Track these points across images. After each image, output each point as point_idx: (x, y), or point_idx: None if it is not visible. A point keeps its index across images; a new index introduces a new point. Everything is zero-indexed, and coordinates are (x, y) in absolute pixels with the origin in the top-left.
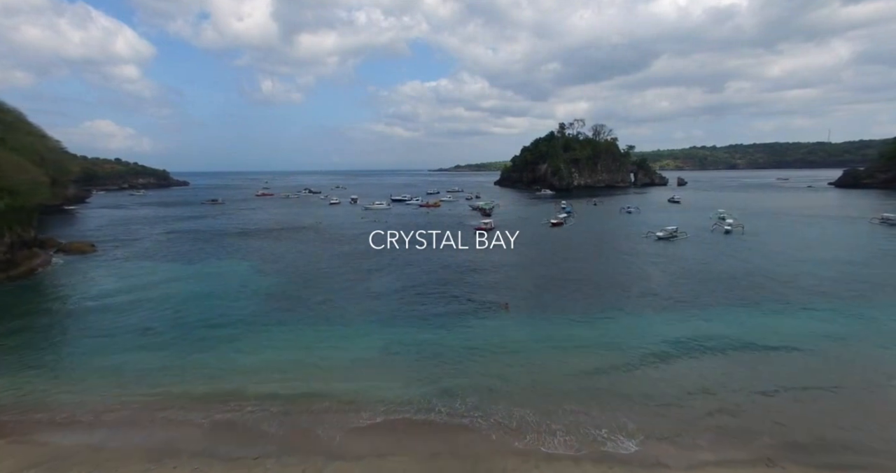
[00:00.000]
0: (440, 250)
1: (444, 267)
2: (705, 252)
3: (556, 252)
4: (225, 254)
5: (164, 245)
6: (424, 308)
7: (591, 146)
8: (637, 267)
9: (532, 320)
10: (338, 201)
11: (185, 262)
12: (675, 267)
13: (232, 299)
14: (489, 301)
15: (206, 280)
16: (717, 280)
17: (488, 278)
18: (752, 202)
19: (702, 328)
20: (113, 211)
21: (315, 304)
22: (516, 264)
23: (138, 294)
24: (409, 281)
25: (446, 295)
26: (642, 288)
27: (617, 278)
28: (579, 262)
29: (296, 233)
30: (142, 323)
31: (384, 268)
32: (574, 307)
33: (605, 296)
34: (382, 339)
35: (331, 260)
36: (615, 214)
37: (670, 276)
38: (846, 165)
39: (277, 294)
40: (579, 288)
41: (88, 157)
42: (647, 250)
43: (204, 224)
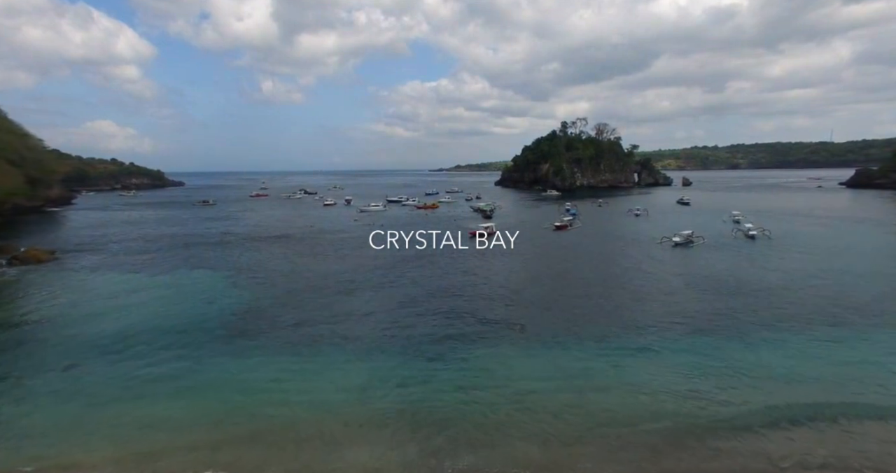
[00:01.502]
0: (438, 257)
1: (440, 277)
2: (730, 260)
3: (563, 259)
4: (199, 263)
5: (134, 251)
6: (416, 331)
7: (593, 145)
8: (656, 278)
9: (542, 348)
10: (332, 202)
11: (152, 273)
12: (699, 279)
13: (190, 321)
14: (492, 319)
15: (168, 296)
16: (751, 295)
17: (489, 291)
18: (764, 203)
19: (749, 360)
20: (96, 213)
21: (286, 328)
22: (520, 274)
23: (77, 314)
24: (400, 296)
25: (442, 313)
26: (666, 306)
27: (635, 292)
28: (590, 272)
29: (283, 237)
30: (63, 357)
31: (373, 279)
32: (590, 330)
33: (625, 316)
34: (361, 376)
35: (315, 269)
36: (622, 217)
37: (696, 290)
38: (849, 165)
39: (245, 313)
40: (594, 303)
41: (84, 157)
42: (663, 258)
43: (186, 227)
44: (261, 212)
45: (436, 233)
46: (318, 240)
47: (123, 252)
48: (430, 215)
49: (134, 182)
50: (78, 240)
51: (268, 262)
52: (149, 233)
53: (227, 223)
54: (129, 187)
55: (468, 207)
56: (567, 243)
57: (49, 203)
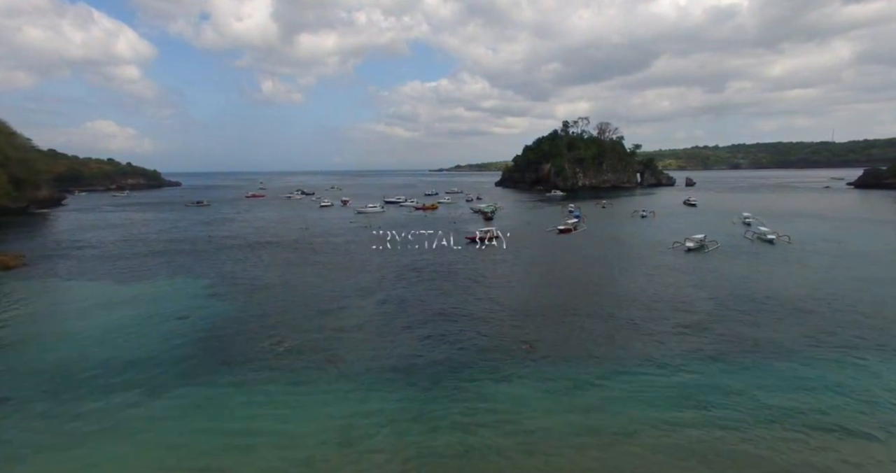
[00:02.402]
0: (436, 263)
1: (438, 287)
2: (752, 269)
3: (570, 266)
4: (181, 269)
5: (113, 257)
6: (410, 352)
7: (595, 145)
8: (674, 289)
9: (554, 373)
10: (329, 203)
11: (126, 281)
12: (722, 291)
13: (155, 342)
14: (496, 337)
15: (137, 309)
16: (783, 309)
17: (492, 303)
18: (773, 204)
19: (799, 393)
20: (84, 214)
21: (263, 349)
22: (525, 283)
23: (24, 333)
24: (393, 310)
25: (439, 329)
26: (690, 323)
27: (653, 305)
28: (601, 281)
29: (273, 241)
30: (13, 382)
31: (365, 290)
32: (607, 350)
33: (645, 334)
34: (345, 410)
35: (303, 278)
36: (628, 218)
37: (720, 304)
38: (851, 165)
39: (220, 330)
40: (608, 318)
41: (81, 157)
42: (678, 265)
43: (174, 230)
44: (255, 213)
45: (434, 236)
46: (310, 245)
47: (101, 257)
48: (430, 216)
49: (129, 182)
50: (56, 244)
51: (253, 269)
52: (133, 236)
53: (217, 225)
54: (124, 187)
55: (468, 208)
56: (573, 248)
57: (36, 204)
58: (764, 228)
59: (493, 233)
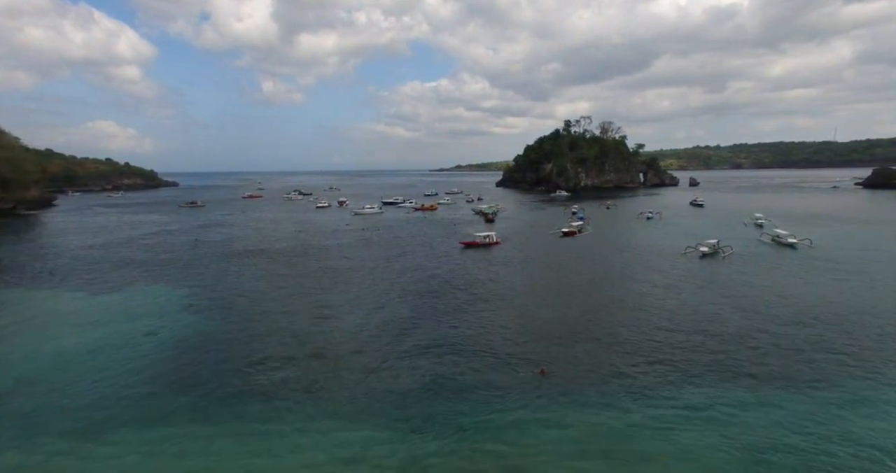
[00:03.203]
0: (434, 270)
1: (436, 298)
2: (777, 278)
3: (577, 273)
4: (159, 277)
5: (90, 262)
6: (404, 379)
7: (598, 144)
8: (693, 302)
9: (568, 404)
10: (326, 204)
11: (100, 290)
12: (748, 304)
13: (113, 363)
14: (500, 358)
15: (106, 322)
16: (824, 326)
17: (494, 317)
18: (782, 204)
19: (848, 427)
20: (73, 216)
21: (236, 373)
22: (530, 293)
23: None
24: (385, 325)
25: (437, 350)
26: (718, 343)
27: (673, 322)
28: (613, 293)
29: (263, 245)
30: None
31: (355, 303)
32: (627, 376)
33: (668, 358)
34: (319, 456)
35: (289, 289)
36: (633, 220)
37: (749, 320)
38: (854, 165)
39: (190, 350)
40: (626, 336)
41: (79, 157)
42: (693, 273)
43: (162, 233)
44: (249, 214)
45: (433, 240)
46: (301, 250)
47: (78, 263)
48: (429, 218)
49: (126, 182)
50: (35, 249)
51: (237, 278)
52: (117, 240)
53: (207, 228)
54: (121, 187)
55: (469, 209)
56: (578, 252)
57: (25, 205)
58: (780, 230)
59: (491, 237)
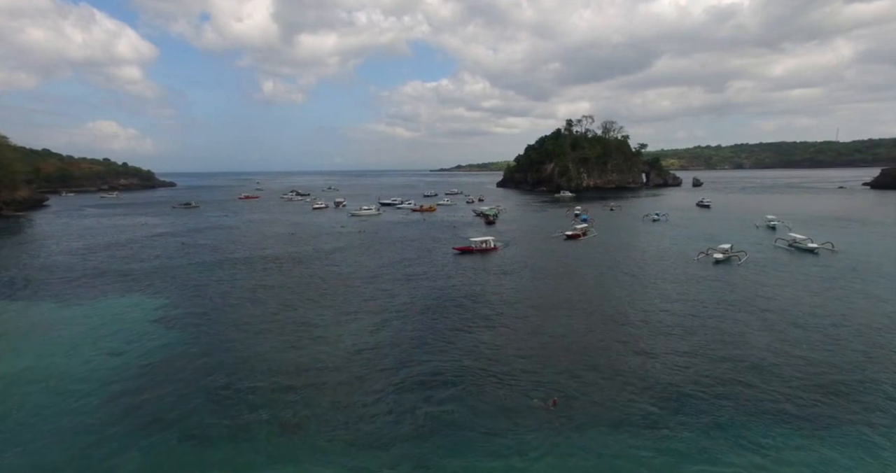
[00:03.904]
0: (430, 278)
1: (430, 313)
2: (801, 287)
3: (586, 283)
4: (136, 285)
5: (68, 268)
6: (393, 412)
7: (600, 144)
8: (716, 316)
9: (586, 442)
10: (323, 205)
11: (72, 300)
12: (776, 318)
13: (74, 393)
14: (504, 384)
15: (70, 338)
16: (869, 353)
17: (496, 335)
18: (792, 205)
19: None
20: (61, 218)
21: (205, 404)
22: (534, 307)
23: None
24: (375, 346)
25: (431, 376)
26: (749, 368)
27: (695, 339)
28: (626, 304)
29: (254, 249)
30: None
31: (343, 317)
32: (648, 407)
33: (694, 384)
34: None
35: (275, 299)
36: (640, 222)
37: (781, 339)
38: (856, 165)
39: (159, 373)
40: (645, 359)
41: (76, 157)
42: (710, 281)
43: (148, 236)
44: (243, 216)
45: (431, 244)
46: (291, 256)
47: (54, 269)
48: (427, 220)
49: (122, 183)
50: (14, 253)
51: (220, 286)
52: (100, 243)
53: (196, 231)
54: (117, 188)
55: (469, 210)
56: (584, 258)
57: (13, 206)
58: (796, 234)
59: (489, 243)
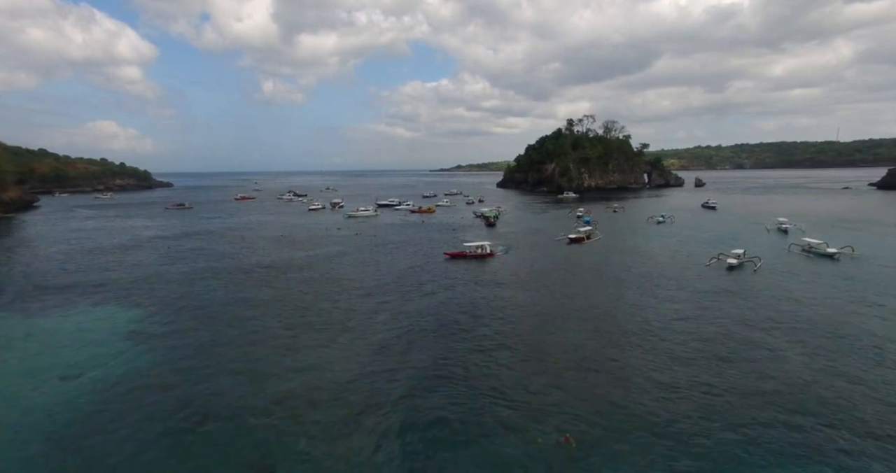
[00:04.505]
0: (425, 288)
1: (425, 328)
2: (826, 298)
3: (593, 292)
4: (112, 294)
5: (41, 274)
6: (388, 454)
7: (602, 144)
8: (738, 333)
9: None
10: (319, 206)
11: (35, 311)
12: (803, 335)
13: (11, 429)
14: (510, 417)
15: (23, 357)
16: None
17: (499, 358)
18: (798, 206)
19: None
20: (50, 219)
21: (164, 448)
22: (541, 319)
23: None
24: (360, 379)
25: (425, 410)
26: (784, 404)
27: (716, 361)
28: (638, 317)
29: (242, 255)
30: None
31: (328, 334)
32: (679, 459)
33: (726, 414)
34: None
35: (255, 313)
36: (644, 224)
37: (813, 358)
38: (857, 165)
39: (116, 403)
40: (667, 384)
41: (72, 157)
42: (725, 290)
43: (135, 239)
44: (237, 217)
45: (429, 248)
46: (281, 262)
47: (23, 277)
48: (426, 221)
49: (118, 183)
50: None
51: (201, 295)
52: (81, 247)
53: (186, 234)
54: (112, 188)
55: (469, 212)
56: (589, 264)
57: (0, 207)
58: (811, 239)
59: (484, 248)
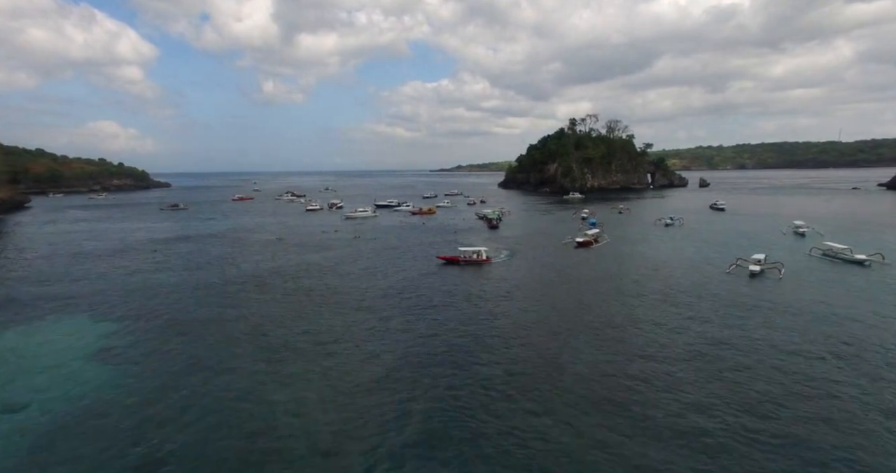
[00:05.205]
0: (422, 290)
1: (424, 349)
2: (869, 310)
3: (608, 303)
4: (85, 304)
5: (15, 281)
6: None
7: (605, 144)
8: (769, 348)
9: None
10: (317, 207)
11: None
12: (857, 359)
13: None
14: (521, 465)
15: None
16: None
17: (507, 386)
18: (809, 207)
19: None
20: (39, 221)
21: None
22: (553, 335)
23: None
24: (350, 421)
25: (425, 460)
26: (854, 449)
27: (758, 395)
28: (660, 338)
29: (232, 261)
30: None
31: (323, 348)
32: None
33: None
34: None
35: (241, 328)
36: (652, 227)
37: (875, 385)
38: (860, 165)
39: (72, 439)
40: (700, 438)
41: (70, 157)
42: (752, 301)
43: (122, 241)
44: (233, 219)
45: (429, 252)
46: (272, 270)
47: (3, 283)
48: (427, 223)
49: (115, 183)
50: None
51: (181, 307)
52: (63, 251)
53: (177, 236)
54: (108, 188)
55: (470, 213)
56: (601, 271)
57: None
58: (833, 243)
59: (480, 253)
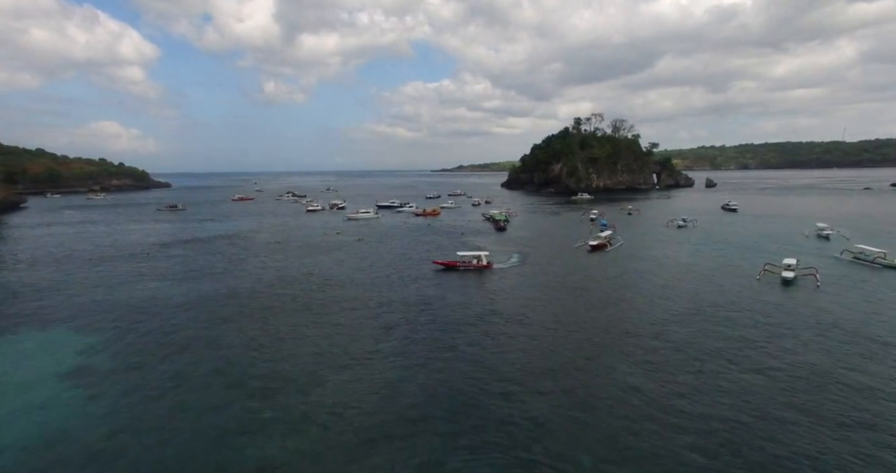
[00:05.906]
0: (433, 310)
1: (428, 372)
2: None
3: (634, 316)
4: (67, 316)
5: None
6: None
7: (610, 144)
8: (826, 373)
9: None
10: (318, 208)
11: None
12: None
13: None
14: None
15: None
16: None
17: (524, 421)
18: (825, 208)
19: None
20: (33, 222)
21: None
22: (574, 355)
23: None
24: (344, 433)
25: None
26: None
27: (834, 425)
28: (697, 358)
29: (226, 267)
30: None
31: (320, 367)
32: None
33: None
34: None
35: (230, 344)
36: (664, 228)
37: None
38: (864, 165)
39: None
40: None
41: (71, 157)
42: (793, 312)
43: (116, 244)
44: (232, 220)
45: (435, 255)
46: (266, 278)
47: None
48: (432, 225)
49: (115, 183)
50: None
51: (169, 318)
52: (50, 255)
53: (173, 239)
54: (108, 188)
55: (476, 214)
56: (621, 279)
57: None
58: (865, 246)
59: (480, 259)
